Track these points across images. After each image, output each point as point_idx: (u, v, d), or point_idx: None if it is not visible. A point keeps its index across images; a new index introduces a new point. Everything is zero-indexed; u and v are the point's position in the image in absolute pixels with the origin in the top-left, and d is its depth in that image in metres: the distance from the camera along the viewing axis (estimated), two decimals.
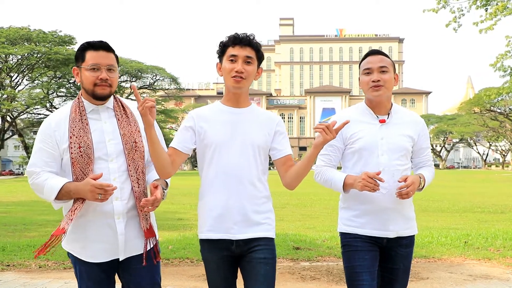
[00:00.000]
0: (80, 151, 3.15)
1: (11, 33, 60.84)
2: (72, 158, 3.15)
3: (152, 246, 3.32)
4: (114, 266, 3.29)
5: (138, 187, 3.26)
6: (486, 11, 14.78)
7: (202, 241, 3.27)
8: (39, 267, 7.50)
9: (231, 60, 3.21)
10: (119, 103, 3.37)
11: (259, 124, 3.29)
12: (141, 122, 3.21)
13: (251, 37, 3.25)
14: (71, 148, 3.15)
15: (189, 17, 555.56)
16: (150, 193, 3.18)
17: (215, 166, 3.20)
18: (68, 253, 3.35)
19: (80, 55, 3.24)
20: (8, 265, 7.61)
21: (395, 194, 3.40)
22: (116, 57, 3.31)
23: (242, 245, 3.18)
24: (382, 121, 3.57)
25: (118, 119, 3.30)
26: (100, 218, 3.18)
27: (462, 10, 14.92)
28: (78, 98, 3.32)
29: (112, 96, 3.36)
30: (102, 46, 3.22)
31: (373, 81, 3.51)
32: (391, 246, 3.54)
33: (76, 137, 3.16)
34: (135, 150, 3.27)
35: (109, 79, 3.21)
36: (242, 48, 3.21)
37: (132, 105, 3.45)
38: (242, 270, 3.24)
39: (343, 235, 3.61)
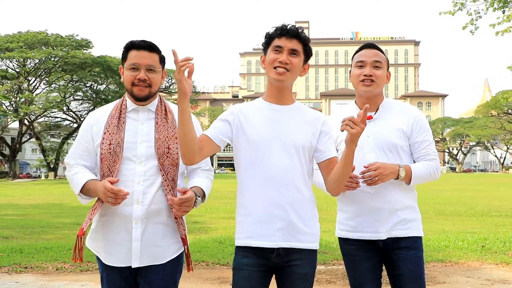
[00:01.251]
0: (109, 148, 3.11)
1: (29, 37, 61.58)
2: (101, 154, 3.13)
3: (176, 256, 3.22)
4: (132, 275, 3.18)
5: (166, 194, 3.12)
6: (504, 13, 14.66)
7: (238, 248, 2.98)
8: (56, 269, 7.55)
9: (276, 51, 2.99)
10: (163, 106, 3.29)
11: (304, 123, 3.03)
12: None
13: (300, 30, 3.05)
14: (102, 144, 3.13)
15: (204, 20, 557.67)
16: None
17: (255, 167, 2.94)
18: (96, 256, 3.27)
19: (124, 54, 3.22)
20: (26, 267, 7.67)
21: (385, 193, 3.28)
22: (161, 57, 3.24)
23: (283, 255, 2.91)
24: (369, 118, 3.31)
25: (157, 122, 3.21)
26: (119, 220, 3.11)
27: (479, 13, 14.81)
28: (123, 97, 3.31)
29: (158, 98, 3.30)
30: (144, 46, 3.17)
31: (364, 75, 3.38)
32: (389, 249, 3.35)
33: (109, 134, 3.14)
34: (167, 156, 3.15)
35: (148, 79, 3.14)
36: (288, 39, 2.99)
37: (176, 110, 3.20)
38: (278, 282, 3.00)
39: (340, 241, 3.51)
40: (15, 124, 72.33)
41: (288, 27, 3.02)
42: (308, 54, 3.08)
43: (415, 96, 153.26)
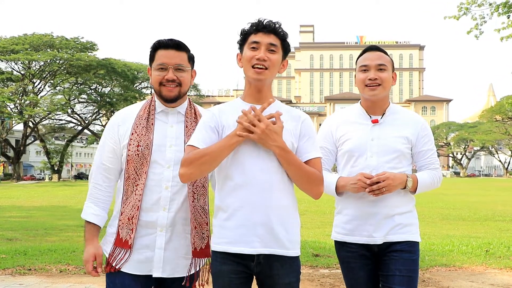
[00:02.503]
0: (137, 150, 2.97)
1: (35, 39, 61.79)
2: (128, 156, 2.99)
3: (198, 269, 3.06)
4: (151, 284, 3.02)
5: (193, 201, 3.00)
6: (508, 18, 14.65)
7: (216, 254, 2.82)
8: (60, 272, 7.56)
9: (253, 48, 2.83)
10: (193, 109, 3.17)
11: (284, 123, 2.80)
12: None
13: (277, 25, 2.88)
14: (130, 145, 2.99)
15: (209, 24, 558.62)
16: None
17: (234, 170, 2.78)
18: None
19: (151, 55, 3.10)
20: (30, 269, 7.68)
21: (385, 197, 3.23)
22: (191, 57, 3.12)
23: (263, 263, 2.77)
24: (375, 121, 3.37)
25: (187, 126, 3.08)
26: (141, 226, 2.96)
27: (484, 17, 14.81)
28: (152, 97, 3.16)
29: (187, 101, 3.17)
30: (171, 45, 3.05)
31: (369, 79, 3.32)
32: (383, 253, 3.29)
33: (138, 135, 3.00)
34: None
35: (177, 79, 3.02)
36: (265, 34, 2.83)
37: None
38: None
39: (336, 245, 3.45)
40: (20, 126, 72.53)
41: (265, 22, 2.85)
42: (286, 50, 2.92)
43: (420, 100, 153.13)
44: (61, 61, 61.93)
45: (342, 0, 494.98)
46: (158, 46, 3.06)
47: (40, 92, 66.59)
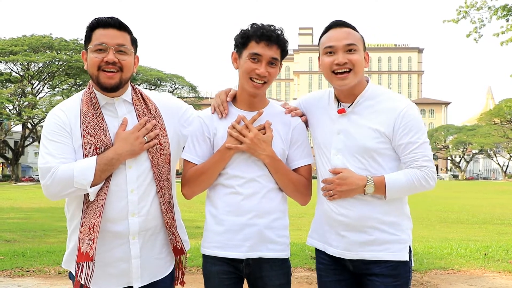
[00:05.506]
0: (96, 153, 2.59)
1: (34, 41, 61.71)
2: None
3: (176, 265, 2.92)
4: None
5: (162, 198, 2.73)
6: (507, 21, 14.66)
7: (206, 256, 2.86)
8: (58, 273, 7.55)
9: (254, 59, 2.69)
10: (139, 94, 2.78)
11: (276, 131, 2.83)
12: (166, 118, 2.77)
13: (280, 33, 2.72)
14: (85, 149, 2.59)
15: (208, 26, 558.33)
16: None
17: (224, 176, 2.81)
18: (70, 274, 2.85)
19: (87, 35, 2.64)
20: (28, 271, 7.67)
21: (356, 204, 2.75)
22: (134, 39, 2.71)
23: (253, 265, 2.78)
24: (341, 111, 2.79)
25: (139, 115, 2.71)
26: (110, 238, 2.66)
27: (483, 21, 14.81)
28: (89, 88, 2.70)
29: (130, 87, 2.78)
30: (112, 24, 2.61)
31: (337, 64, 2.72)
32: (362, 274, 2.81)
33: (91, 136, 2.60)
34: (160, 153, 2.71)
35: (118, 62, 2.59)
36: (268, 46, 2.67)
37: (154, 97, 2.86)
38: None
39: (316, 252, 3.04)
40: (18, 128, 72.38)
41: (268, 31, 2.69)
42: (284, 56, 2.81)
43: (418, 103, 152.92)
44: (60, 63, 61.87)
45: (340, 3, 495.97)
46: (97, 24, 2.62)
47: (38, 94, 66.50)
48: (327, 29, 2.79)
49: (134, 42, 2.72)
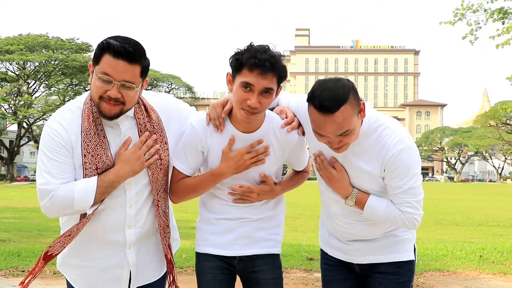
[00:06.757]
0: (97, 173, 2.53)
1: (30, 40, 61.70)
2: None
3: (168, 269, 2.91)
4: None
5: (158, 209, 2.73)
6: (503, 24, 14.72)
7: (198, 254, 2.90)
8: (54, 273, 7.52)
9: (246, 87, 2.50)
10: (142, 106, 2.65)
11: (273, 151, 2.78)
12: (168, 126, 2.71)
13: (276, 60, 2.49)
14: (86, 169, 2.52)
15: (205, 27, 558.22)
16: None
17: (220, 183, 2.82)
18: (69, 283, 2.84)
19: (96, 55, 2.46)
20: (23, 271, 7.64)
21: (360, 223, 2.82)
22: (144, 68, 2.51)
23: (246, 261, 2.83)
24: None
25: (141, 130, 2.62)
26: (107, 247, 2.69)
27: (479, 23, 14.88)
28: (91, 100, 2.54)
29: None
30: (123, 54, 2.39)
31: (336, 149, 2.61)
32: (368, 274, 2.92)
33: (92, 156, 2.51)
34: (160, 168, 2.68)
35: (121, 98, 2.45)
36: (262, 76, 2.46)
37: (157, 104, 2.73)
38: None
39: (321, 253, 3.13)
40: (14, 127, 72.37)
41: (262, 59, 2.46)
42: (281, 82, 2.59)
43: (414, 105, 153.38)
44: (56, 62, 61.92)
45: (337, 4, 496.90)
46: (107, 49, 2.42)
47: (34, 93, 66.49)
48: (315, 107, 2.45)
49: (144, 71, 2.53)
